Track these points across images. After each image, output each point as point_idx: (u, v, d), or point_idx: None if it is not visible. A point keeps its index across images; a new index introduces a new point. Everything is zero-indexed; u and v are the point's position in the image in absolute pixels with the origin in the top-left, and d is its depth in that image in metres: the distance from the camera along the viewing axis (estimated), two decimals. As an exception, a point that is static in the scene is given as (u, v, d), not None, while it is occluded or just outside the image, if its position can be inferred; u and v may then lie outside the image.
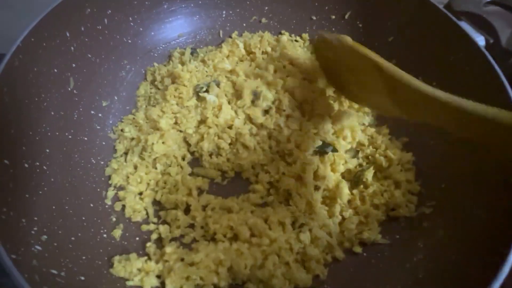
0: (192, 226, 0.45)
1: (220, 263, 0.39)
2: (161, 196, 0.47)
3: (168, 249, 0.40)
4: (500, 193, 0.36)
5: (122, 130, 0.53)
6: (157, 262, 0.39)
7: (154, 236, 0.44)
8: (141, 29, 0.60)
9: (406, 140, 0.53)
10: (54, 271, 0.31)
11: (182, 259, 0.39)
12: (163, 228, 0.44)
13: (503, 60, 0.46)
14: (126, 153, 0.52)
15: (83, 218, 0.42)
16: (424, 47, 0.53)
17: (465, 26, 0.49)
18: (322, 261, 0.42)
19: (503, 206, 0.34)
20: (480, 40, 0.48)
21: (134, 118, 0.54)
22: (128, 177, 0.48)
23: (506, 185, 0.35)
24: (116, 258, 0.39)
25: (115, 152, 0.52)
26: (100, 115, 0.54)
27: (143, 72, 0.61)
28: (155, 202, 0.48)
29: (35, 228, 0.34)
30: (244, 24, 0.67)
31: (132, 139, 0.52)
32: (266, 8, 0.67)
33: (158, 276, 0.39)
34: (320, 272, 0.41)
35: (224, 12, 0.66)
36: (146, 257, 0.40)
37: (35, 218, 0.35)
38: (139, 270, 0.38)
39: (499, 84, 0.42)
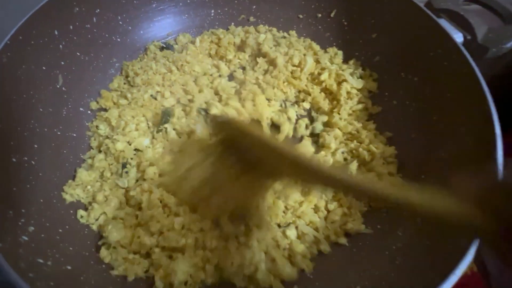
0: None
1: (207, 261, 0.40)
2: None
3: (156, 249, 0.40)
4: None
5: (97, 127, 0.53)
6: (145, 257, 0.40)
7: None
8: (130, 27, 0.61)
9: (390, 134, 0.55)
10: (41, 260, 0.32)
11: (171, 256, 0.40)
12: None
13: (479, 55, 0.48)
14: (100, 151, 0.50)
15: (71, 211, 0.43)
16: (406, 43, 0.55)
17: (444, 23, 0.51)
18: (308, 255, 0.43)
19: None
20: (458, 37, 0.50)
21: (107, 117, 0.53)
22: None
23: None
24: (104, 245, 0.40)
25: (89, 150, 0.51)
26: (89, 112, 0.55)
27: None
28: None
29: (22, 220, 0.35)
30: (233, 23, 0.68)
31: (106, 137, 0.51)
32: (254, 7, 0.68)
33: (146, 271, 0.40)
34: (306, 266, 0.41)
35: (212, 11, 0.68)
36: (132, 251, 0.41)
37: (23, 210, 0.36)
38: (124, 259, 0.39)
39: (474, 79, 0.43)
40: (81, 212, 0.43)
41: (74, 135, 0.51)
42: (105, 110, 0.55)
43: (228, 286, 0.39)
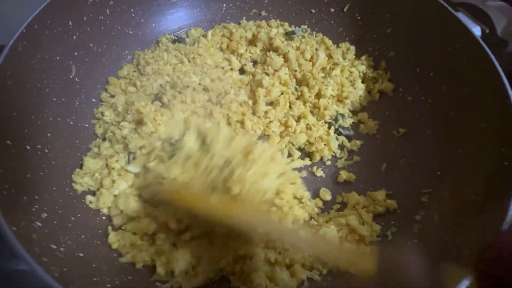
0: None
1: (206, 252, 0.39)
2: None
3: (161, 234, 0.40)
4: (491, 179, 0.36)
5: (102, 114, 0.52)
6: (150, 244, 0.40)
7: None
8: (142, 20, 0.61)
9: (403, 130, 0.54)
10: (54, 246, 0.32)
11: (174, 244, 0.40)
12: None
13: (498, 49, 0.46)
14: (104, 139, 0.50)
15: (83, 200, 0.43)
16: (422, 38, 0.54)
17: (462, 17, 0.50)
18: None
19: (494, 191, 0.35)
20: (477, 30, 0.49)
21: (113, 103, 0.52)
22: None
23: (497, 172, 0.36)
24: (113, 232, 0.40)
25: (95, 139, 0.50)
26: (100, 103, 0.55)
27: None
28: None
29: (36, 206, 0.35)
30: (244, 17, 0.68)
31: (111, 124, 0.51)
32: (266, 1, 0.67)
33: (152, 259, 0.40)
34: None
35: (224, 5, 0.67)
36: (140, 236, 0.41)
37: (36, 197, 0.36)
38: (132, 246, 0.39)
39: (494, 74, 0.42)
40: (89, 198, 0.43)
41: (86, 125, 0.51)
42: (113, 96, 0.55)
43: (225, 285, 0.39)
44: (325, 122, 0.55)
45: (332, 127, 0.54)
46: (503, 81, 0.41)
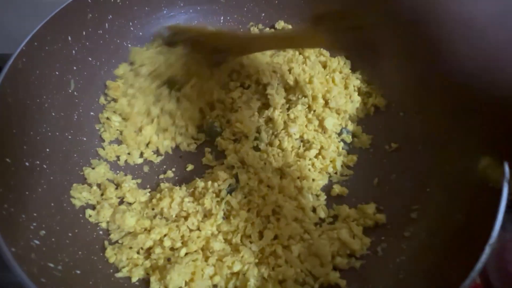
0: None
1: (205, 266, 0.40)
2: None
3: (158, 249, 0.41)
4: (478, 200, 0.37)
5: (108, 118, 0.54)
6: (146, 258, 0.41)
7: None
8: (140, 33, 0.62)
9: (396, 145, 0.55)
10: (51, 265, 0.33)
11: (169, 259, 0.41)
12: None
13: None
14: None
15: (80, 215, 0.44)
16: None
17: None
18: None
19: (479, 212, 0.36)
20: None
21: (118, 107, 0.54)
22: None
23: (482, 193, 0.37)
24: (110, 246, 0.41)
25: (103, 141, 0.53)
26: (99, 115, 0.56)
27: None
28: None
29: (34, 224, 0.36)
30: (242, 30, 0.69)
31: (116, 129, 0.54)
32: (263, 14, 0.68)
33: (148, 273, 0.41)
34: None
35: (222, 17, 0.68)
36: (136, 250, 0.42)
37: (34, 214, 0.37)
38: (129, 260, 0.40)
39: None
40: (89, 212, 0.44)
41: (84, 139, 0.52)
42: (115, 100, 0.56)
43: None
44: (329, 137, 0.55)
45: (341, 144, 0.55)
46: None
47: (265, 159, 0.53)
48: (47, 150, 0.45)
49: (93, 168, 0.49)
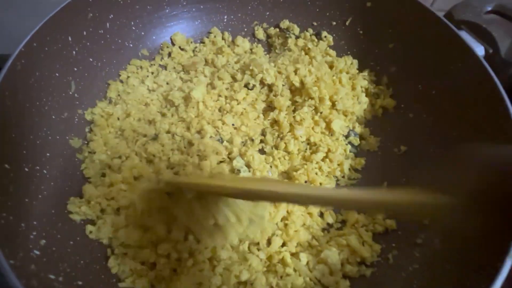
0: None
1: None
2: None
3: (162, 259, 0.40)
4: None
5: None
6: (151, 269, 0.40)
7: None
8: (142, 33, 0.61)
9: (405, 148, 0.53)
10: (52, 276, 0.32)
11: (175, 270, 0.40)
12: None
13: (502, 70, 0.46)
14: None
15: (82, 222, 0.42)
16: (424, 55, 0.53)
17: (465, 35, 0.49)
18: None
19: (498, 218, 0.34)
20: (480, 50, 0.48)
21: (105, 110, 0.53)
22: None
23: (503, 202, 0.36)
24: (113, 256, 0.40)
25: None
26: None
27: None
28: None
29: (34, 233, 0.35)
30: (246, 29, 0.67)
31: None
32: (268, 13, 0.67)
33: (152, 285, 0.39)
34: None
35: (225, 16, 0.67)
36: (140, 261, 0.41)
37: (35, 223, 0.36)
38: (132, 271, 0.39)
39: (497, 95, 0.42)
40: (90, 228, 0.42)
41: (86, 142, 0.51)
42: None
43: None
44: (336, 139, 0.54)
45: (348, 146, 0.54)
46: (506, 103, 0.41)
47: (271, 162, 0.52)
48: (48, 154, 0.43)
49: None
